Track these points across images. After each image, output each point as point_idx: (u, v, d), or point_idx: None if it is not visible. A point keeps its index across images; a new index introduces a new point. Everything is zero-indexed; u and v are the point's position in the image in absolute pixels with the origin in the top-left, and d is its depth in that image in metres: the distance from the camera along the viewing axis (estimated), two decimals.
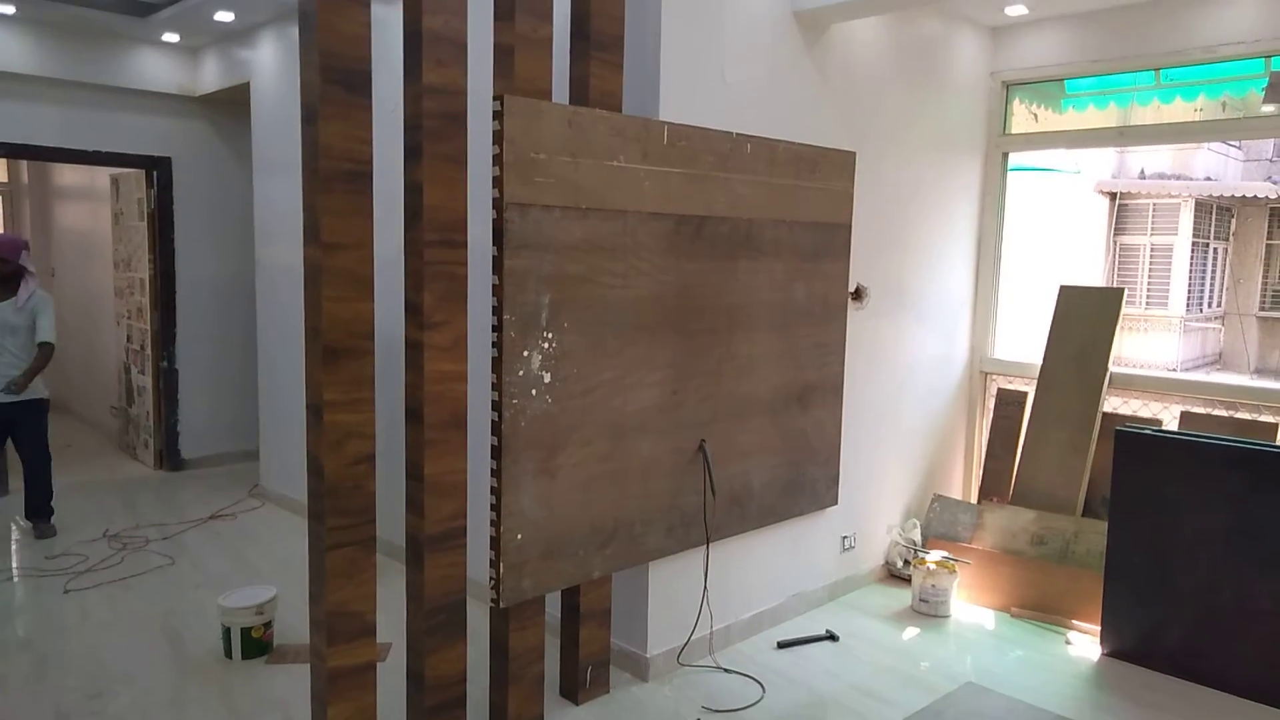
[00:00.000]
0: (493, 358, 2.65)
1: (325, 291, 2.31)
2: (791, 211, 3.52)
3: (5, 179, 7.88)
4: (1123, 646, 3.54)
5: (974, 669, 3.42)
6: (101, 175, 6.55)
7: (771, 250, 3.46)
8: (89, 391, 7.24)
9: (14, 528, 4.80)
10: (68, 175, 7.36)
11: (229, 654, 3.31)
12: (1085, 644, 3.66)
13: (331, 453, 2.36)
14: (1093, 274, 11.98)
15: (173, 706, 2.99)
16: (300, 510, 4.73)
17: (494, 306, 2.64)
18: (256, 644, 3.32)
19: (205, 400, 6.08)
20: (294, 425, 4.94)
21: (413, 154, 2.52)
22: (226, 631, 3.31)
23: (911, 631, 3.75)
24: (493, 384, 2.65)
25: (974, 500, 4.64)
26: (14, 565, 4.25)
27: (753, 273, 3.40)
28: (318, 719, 2.45)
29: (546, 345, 2.74)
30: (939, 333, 4.51)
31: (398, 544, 3.71)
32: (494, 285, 2.64)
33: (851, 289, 3.95)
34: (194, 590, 3.98)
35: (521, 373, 2.68)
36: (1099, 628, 3.62)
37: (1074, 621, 3.81)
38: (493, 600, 2.73)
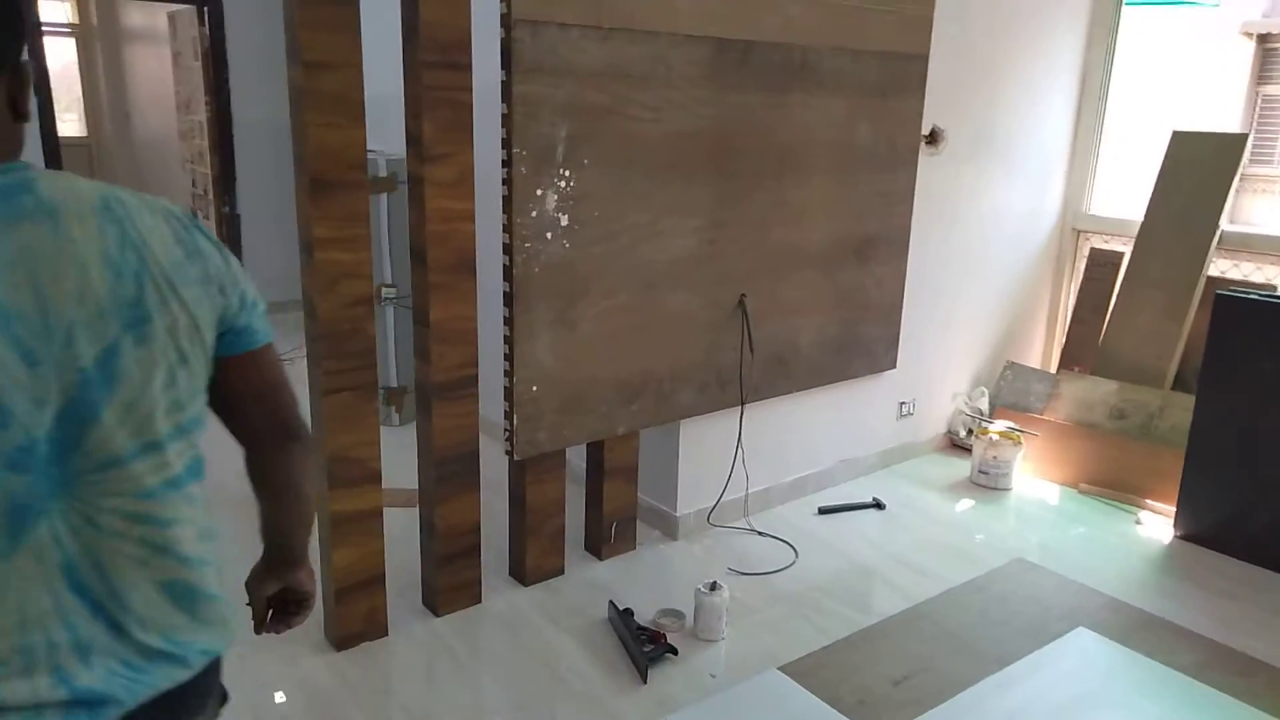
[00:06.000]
0: (503, 196, 2.44)
1: (308, 117, 2.12)
2: (857, 38, 3.11)
3: (76, 20, 7.83)
4: (1198, 530, 3.26)
5: (1028, 545, 3.21)
6: (160, 14, 6.41)
7: (831, 83, 3.09)
8: None
9: None
10: (133, 15, 7.25)
11: None
12: (1157, 525, 3.39)
13: (325, 293, 2.22)
14: (1227, 128, 10.81)
15: None
16: None
17: (503, 139, 2.41)
18: None
19: (270, 246, 6.07)
20: None
21: None
22: None
23: (966, 504, 3.54)
24: (503, 225, 2.46)
25: (1054, 369, 4.30)
26: None
27: (808, 108, 3.04)
28: (324, 563, 2.43)
29: (563, 184, 2.50)
30: (1027, 184, 4.07)
31: None
32: (503, 115, 2.40)
33: (926, 131, 3.54)
34: None
35: (535, 214, 2.46)
36: (1174, 509, 3.34)
37: (1147, 501, 3.52)
38: (507, 452, 2.63)
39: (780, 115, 2.96)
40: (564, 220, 2.52)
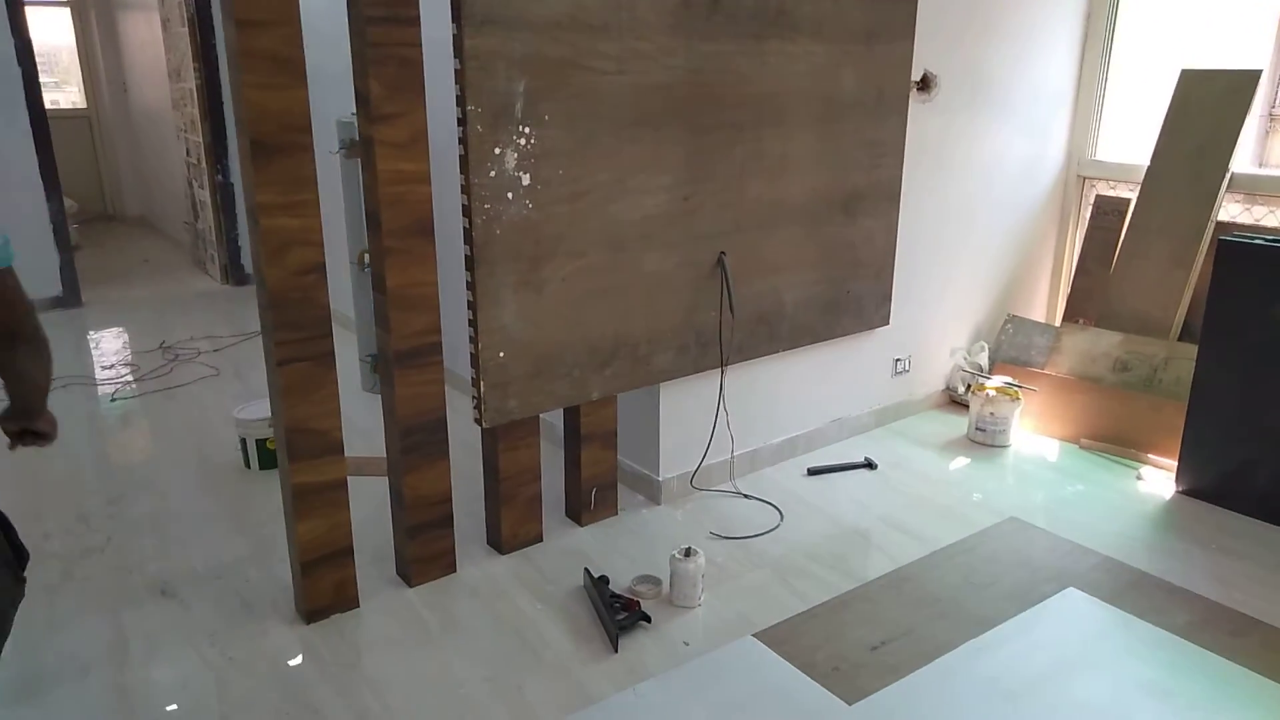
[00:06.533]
0: (459, 156, 2.35)
1: (245, 78, 2.04)
2: None
3: None
4: (1201, 484, 3.15)
5: (1022, 503, 3.12)
6: None
7: (811, 29, 2.95)
8: (166, 206, 7.35)
9: (95, 339, 4.96)
10: None
11: (248, 464, 3.34)
12: (1159, 481, 3.29)
13: (273, 261, 2.16)
14: (1255, 67, 10.38)
15: (186, 513, 3.04)
16: (351, 327, 4.69)
17: (457, 96, 2.31)
18: (273, 455, 3.32)
19: None
20: (344, 243, 4.82)
21: None
22: (243, 442, 3.31)
23: (961, 462, 3.45)
24: (461, 186, 2.37)
25: (1059, 322, 4.17)
26: (73, 374, 4.39)
27: (787, 56, 2.92)
28: (289, 535, 2.40)
29: (523, 142, 2.41)
30: (1028, 129, 3.91)
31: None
32: (455, 71, 2.30)
33: (917, 77, 3.40)
34: (232, 401, 4.02)
35: (494, 173, 2.38)
36: (1176, 463, 3.23)
37: (1150, 456, 3.41)
38: (476, 420, 2.57)
39: (756, 65, 2.84)
40: (525, 179, 2.44)
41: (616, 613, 2.41)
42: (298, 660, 2.28)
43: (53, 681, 2.21)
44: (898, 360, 3.74)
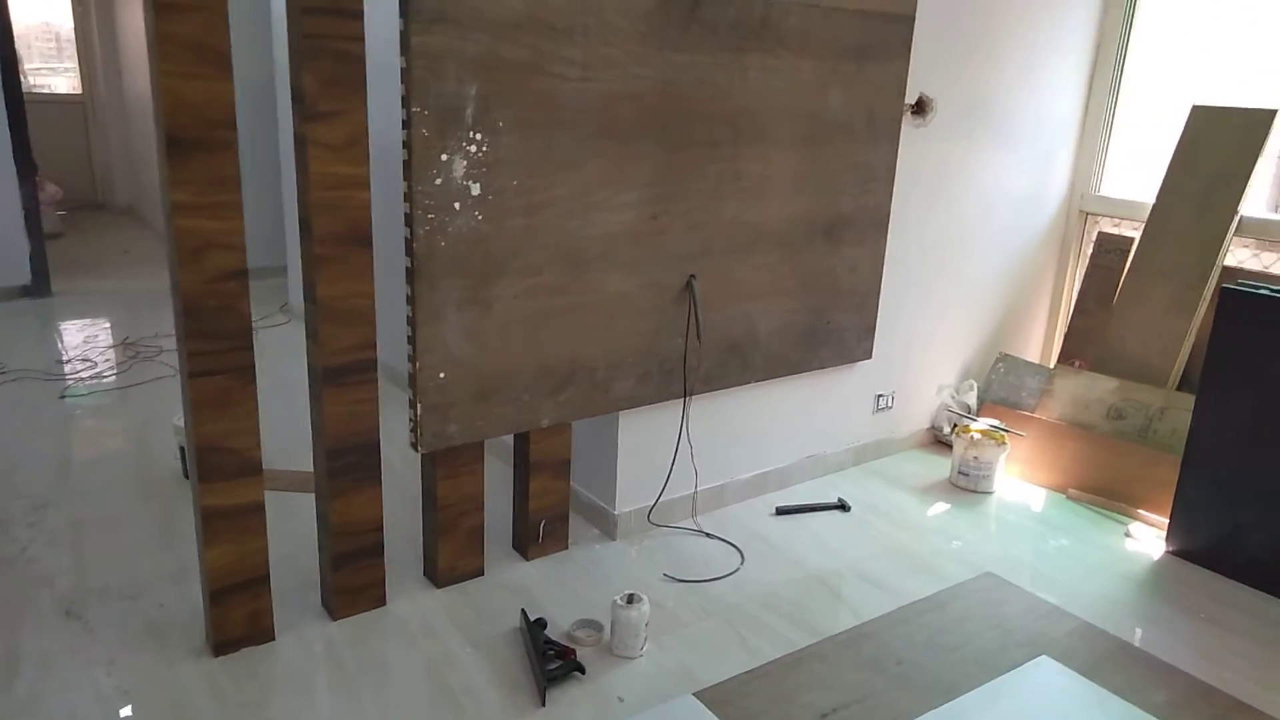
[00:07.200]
0: (403, 161, 2.19)
1: (163, 65, 1.88)
2: None
3: None
4: (1192, 545, 2.96)
5: (1001, 556, 2.93)
6: None
7: (798, 44, 2.79)
8: (154, 197, 7.22)
9: (58, 331, 4.81)
10: None
11: (186, 475, 3.17)
12: (1149, 538, 3.09)
13: (188, 265, 1.99)
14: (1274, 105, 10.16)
15: (112, 524, 2.87)
16: None
17: (403, 97, 2.15)
18: None
19: (252, 211, 5.86)
20: None
21: None
22: (182, 451, 3.15)
23: (940, 508, 3.26)
24: (404, 194, 2.21)
25: (1053, 364, 3.98)
26: (28, 367, 4.24)
27: (769, 71, 2.75)
28: (200, 561, 2.22)
29: (474, 149, 2.25)
30: (1029, 160, 3.73)
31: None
32: (401, 70, 2.14)
33: (912, 100, 3.23)
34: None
35: (439, 181, 2.21)
36: (1168, 520, 3.04)
37: (1140, 511, 3.22)
38: (412, 445, 2.40)
39: (736, 79, 2.67)
40: (475, 189, 2.27)
41: (549, 661, 2.23)
42: (197, 698, 2.11)
43: None
44: (880, 396, 3.56)
